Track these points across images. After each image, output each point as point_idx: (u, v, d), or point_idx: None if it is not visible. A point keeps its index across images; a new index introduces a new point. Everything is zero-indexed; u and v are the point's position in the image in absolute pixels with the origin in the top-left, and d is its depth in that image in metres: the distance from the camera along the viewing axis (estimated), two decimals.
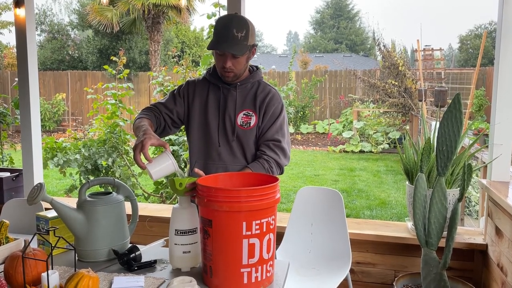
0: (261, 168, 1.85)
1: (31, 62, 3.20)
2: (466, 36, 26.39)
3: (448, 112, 2.13)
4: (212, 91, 1.96)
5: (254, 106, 1.93)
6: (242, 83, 1.94)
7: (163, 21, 15.14)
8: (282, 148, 1.91)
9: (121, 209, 1.80)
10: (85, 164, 4.41)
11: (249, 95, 1.95)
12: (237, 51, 1.80)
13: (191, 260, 1.65)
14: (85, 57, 18.77)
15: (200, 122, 1.95)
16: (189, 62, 5.05)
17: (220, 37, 1.80)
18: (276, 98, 1.95)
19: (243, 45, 1.81)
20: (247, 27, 1.81)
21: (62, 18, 23.59)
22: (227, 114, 1.92)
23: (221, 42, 1.80)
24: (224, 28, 1.80)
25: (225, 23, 1.82)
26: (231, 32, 1.78)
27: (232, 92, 1.94)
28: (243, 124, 1.92)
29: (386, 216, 5.56)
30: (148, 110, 1.96)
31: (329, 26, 35.37)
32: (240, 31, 1.79)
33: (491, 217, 2.40)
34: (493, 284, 2.29)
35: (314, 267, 2.50)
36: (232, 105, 1.93)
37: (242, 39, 1.80)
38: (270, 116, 1.93)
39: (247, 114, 1.93)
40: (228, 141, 1.92)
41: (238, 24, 1.80)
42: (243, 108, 1.93)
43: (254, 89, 1.96)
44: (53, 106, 13.62)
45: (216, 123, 1.93)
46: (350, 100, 12.45)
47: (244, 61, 1.87)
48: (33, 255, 1.49)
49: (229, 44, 1.79)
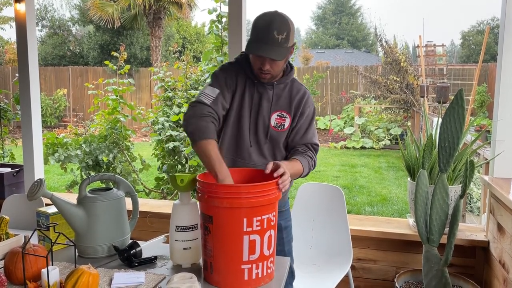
0: (307, 164, 1.82)
1: (31, 58, 3.19)
2: (468, 32, 26.29)
3: (450, 108, 2.11)
4: (248, 87, 1.83)
5: (290, 107, 1.84)
6: (278, 82, 1.84)
7: (164, 16, 15.11)
8: (317, 151, 1.91)
9: (122, 205, 1.79)
10: (86, 160, 4.41)
11: (284, 95, 1.85)
12: (278, 56, 1.68)
13: (192, 256, 1.64)
14: (86, 53, 18.75)
15: (234, 119, 1.84)
16: (190, 57, 5.03)
17: (259, 39, 1.67)
18: (310, 98, 1.89)
19: (283, 48, 1.69)
20: (288, 28, 1.68)
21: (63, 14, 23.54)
22: (261, 114, 1.83)
23: (261, 45, 1.67)
24: (265, 29, 1.66)
25: (265, 24, 1.67)
26: (272, 34, 1.65)
27: (268, 91, 1.83)
28: (277, 125, 1.84)
29: (387, 212, 5.56)
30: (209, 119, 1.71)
31: (330, 21, 35.24)
32: (281, 33, 1.66)
33: (493, 213, 2.39)
34: (495, 281, 2.29)
35: (315, 263, 2.50)
36: (267, 105, 1.83)
37: (283, 41, 1.67)
38: (306, 117, 1.87)
39: (281, 116, 1.84)
40: (259, 141, 1.84)
41: (280, 25, 1.66)
42: (278, 109, 1.83)
43: (288, 89, 1.86)
44: (54, 102, 13.62)
45: (249, 122, 1.83)
46: (352, 96, 12.42)
47: (282, 63, 1.77)
48: (33, 251, 1.49)
49: (269, 48, 1.66)
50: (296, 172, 1.78)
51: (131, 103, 4.64)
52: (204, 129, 1.68)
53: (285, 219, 1.98)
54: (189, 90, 4.64)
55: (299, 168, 1.78)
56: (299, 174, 1.80)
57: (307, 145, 1.87)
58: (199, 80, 4.70)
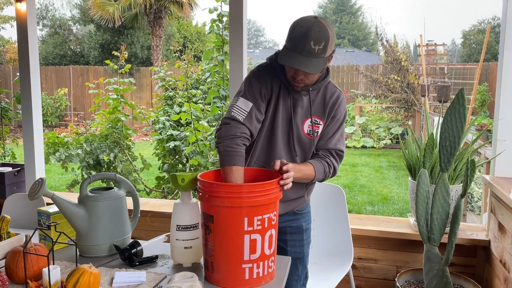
0: (322, 170, 1.77)
1: (32, 57, 3.19)
2: (469, 31, 26.25)
3: (451, 108, 2.11)
4: (282, 93, 1.74)
5: (324, 113, 1.78)
6: (314, 88, 1.76)
7: (165, 15, 15.11)
8: (342, 157, 1.84)
9: (123, 204, 1.79)
10: (87, 159, 4.42)
11: (318, 99, 1.78)
12: (313, 69, 1.58)
13: (193, 256, 1.64)
14: (87, 52, 18.75)
15: (268, 126, 1.76)
16: (191, 57, 5.04)
17: (294, 48, 1.58)
18: (343, 102, 1.82)
19: (319, 59, 1.58)
20: (326, 37, 1.56)
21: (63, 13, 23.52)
22: (295, 121, 1.76)
23: (295, 56, 1.57)
24: (301, 39, 1.56)
25: (302, 32, 1.56)
26: (308, 44, 1.54)
27: (303, 97, 1.75)
28: (310, 133, 1.77)
29: (388, 211, 5.56)
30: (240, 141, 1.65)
31: (331, 21, 35.17)
32: (319, 44, 1.55)
33: (494, 213, 2.39)
34: (496, 280, 2.29)
35: (316, 263, 2.50)
36: (301, 112, 1.76)
37: (320, 52, 1.56)
38: (336, 122, 1.81)
39: (315, 122, 1.77)
40: (291, 149, 1.78)
41: (317, 35, 1.55)
42: (312, 115, 1.77)
43: (322, 93, 1.79)
44: (55, 101, 13.63)
45: (283, 129, 1.76)
46: (353, 96, 12.40)
47: (318, 74, 1.67)
48: (34, 250, 1.49)
49: (304, 60, 1.56)
50: (306, 175, 1.73)
51: (132, 102, 4.64)
52: (233, 154, 1.62)
53: (306, 221, 1.96)
54: (190, 89, 4.64)
55: (309, 172, 1.73)
56: (310, 178, 1.75)
57: (330, 150, 1.80)
58: (199, 80, 4.70)
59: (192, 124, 4.16)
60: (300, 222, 1.94)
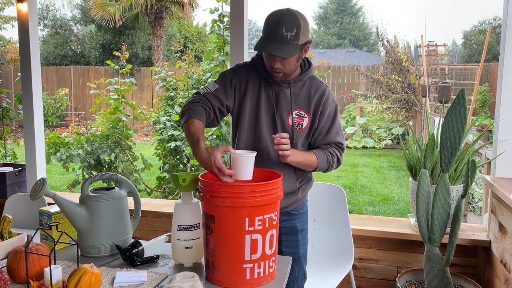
0: (325, 159, 1.81)
1: (33, 57, 3.20)
2: (470, 31, 26.24)
3: (452, 108, 2.11)
4: (263, 86, 1.82)
5: (308, 107, 1.82)
6: (295, 80, 1.82)
7: (166, 16, 15.11)
8: (343, 149, 1.89)
9: (124, 204, 1.80)
10: (88, 159, 4.42)
11: (302, 93, 1.83)
12: (286, 54, 1.66)
13: (194, 255, 1.65)
14: (87, 52, 18.77)
15: (250, 118, 1.83)
16: (191, 57, 5.04)
17: (268, 36, 1.67)
18: (330, 96, 1.86)
19: (292, 45, 1.66)
20: (298, 25, 1.65)
21: (64, 13, 23.51)
22: (279, 114, 1.81)
23: (269, 43, 1.67)
24: (273, 26, 1.66)
25: (274, 21, 1.66)
26: (280, 31, 1.64)
27: (285, 90, 1.81)
28: (295, 125, 1.81)
29: (388, 212, 5.56)
30: (197, 104, 1.77)
31: (332, 21, 35.22)
32: (290, 30, 1.64)
33: (495, 213, 2.39)
34: (496, 280, 2.29)
35: (316, 263, 2.50)
36: (285, 104, 1.81)
37: (292, 38, 1.65)
38: (327, 117, 1.84)
39: (299, 115, 1.82)
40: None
41: (288, 22, 1.64)
42: (296, 108, 1.81)
43: (306, 87, 1.84)
44: (56, 101, 13.64)
45: (267, 122, 1.82)
46: (353, 96, 12.40)
47: (294, 61, 1.74)
48: (36, 250, 1.49)
49: (277, 46, 1.65)
50: (308, 162, 1.78)
51: (132, 102, 4.64)
52: (190, 111, 1.73)
53: (301, 222, 1.96)
54: (191, 89, 4.64)
55: (312, 159, 1.78)
56: (313, 166, 1.80)
57: (330, 144, 1.85)
58: (200, 80, 4.70)
59: None
60: (295, 222, 1.93)
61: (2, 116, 4.92)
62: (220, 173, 1.54)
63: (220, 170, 1.54)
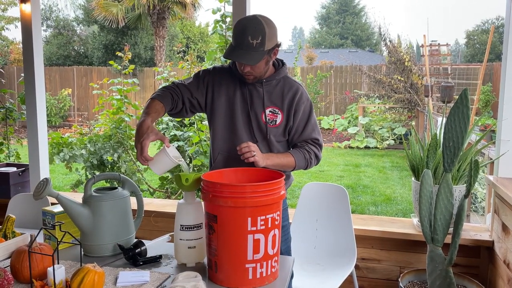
0: (302, 157, 1.87)
1: (37, 58, 3.21)
2: (473, 31, 26.18)
3: (455, 108, 2.11)
4: (238, 85, 1.91)
5: (282, 105, 1.89)
6: (268, 80, 1.89)
7: (168, 16, 15.14)
8: (320, 145, 1.96)
9: (127, 204, 1.80)
10: (91, 159, 4.43)
11: (275, 92, 1.90)
12: (251, 61, 1.73)
13: (196, 255, 1.65)
14: (90, 53, 18.82)
15: (226, 115, 1.91)
16: (194, 57, 5.04)
17: (235, 44, 1.75)
18: (304, 95, 1.92)
19: (258, 52, 1.73)
20: (263, 32, 1.72)
21: (67, 14, 23.62)
22: (253, 111, 1.88)
23: (236, 50, 1.74)
24: (239, 35, 1.73)
25: (240, 29, 1.74)
26: (246, 39, 1.71)
27: (258, 88, 1.89)
28: (269, 121, 1.88)
29: (391, 212, 5.55)
30: (166, 90, 1.88)
31: (334, 21, 35.19)
32: (256, 38, 1.71)
33: (498, 213, 2.39)
34: (499, 280, 2.28)
35: (319, 263, 2.50)
36: (258, 102, 1.89)
37: (258, 45, 1.72)
38: (302, 115, 1.90)
39: (273, 112, 1.89)
40: (253, 136, 1.89)
41: (253, 30, 1.71)
42: (269, 105, 1.88)
43: (280, 86, 1.91)
44: (59, 102, 13.68)
45: (242, 119, 1.89)
46: (356, 96, 12.39)
47: (263, 65, 1.81)
48: (39, 249, 1.50)
49: (243, 53, 1.73)
50: (284, 162, 1.84)
51: (135, 102, 4.65)
52: (157, 94, 1.85)
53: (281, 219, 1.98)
54: None
55: (288, 159, 1.85)
56: (290, 165, 1.86)
57: (306, 140, 1.93)
58: None
59: (195, 125, 4.17)
60: None
61: (5, 117, 4.93)
62: (140, 151, 1.67)
63: (141, 149, 1.66)
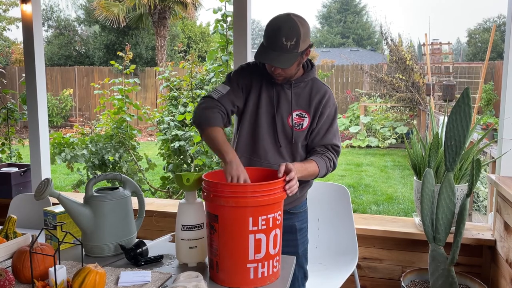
0: (324, 165, 1.79)
1: (38, 58, 3.21)
2: (474, 29, 26.12)
3: (456, 107, 2.11)
4: (265, 85, 1.83)
5: (309, 107, 1.82)
6: (297, 82, 1.82)
7: (169, 16, 15.13)
8: (339, 152, 1.88)
9: (128, 204, 1.80)
10: (92, 159, 4.43)
11: (303, 94, 1.83)
12: (285, 64, 1.66)
13: (198, 255, 1.65)
14: (92, 53, 18.83)
15: (251, 117, 1.84)
16: (195, 57, 5.03)
17: (268, 44, 1.67)
18: (332, 99, 1.85)
19: (292, 54, 1.66)
20: (298, 34, 1.64)
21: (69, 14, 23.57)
22: (279, 114, 1.81)
23: (268, 52, 1.67)
24: (273, 35, 1.65)
25: (274, 29, 1.66)
26: (280, 40, 1.63)
27: (286, 90, 1.82)
28: (295, 125, 1.81)
29: (393, 211, 5.54)
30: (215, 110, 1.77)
31: (335, 20, 35.14)
32: (290, 39, 1.64)
33: (500, 212, 2.38)
34: (502, 280, 2.28)
35: (321, 263, 2.49)
36: (285, 105, 1.82)
37: (292, 48, 1.65)
38: (326, 118, 1.84)
39: (300, 115, 1.82)
40: (277, 141, 1.82)
41: (288, 31, 1.64)
42: (297, 109, 1.82)
43: (308, 88, 1.84)
44: (61, 102, 13.69)
45: (268, 121, 1.82)
46: (357, 95, 12.37)
47: (295, 67, 1.74)
48: (41, 250, 1.50)
49: (277, 55, 1.65)
50: (311, 173, 1.75)
51: (136, 102, 4.66)
52: (210, 118, 1.74)
53: (300, 221, 1.96)
54: (194, 89, 4.65)
55: (314, 169, 1.76)
56: (314, 175, 1.78)
57: (327, 146, 1.84)
58: (204, 80, 4.71)
59: None
60: (293, 221, 1.92)
61: (7, 117, 4.94)
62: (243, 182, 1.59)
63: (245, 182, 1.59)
